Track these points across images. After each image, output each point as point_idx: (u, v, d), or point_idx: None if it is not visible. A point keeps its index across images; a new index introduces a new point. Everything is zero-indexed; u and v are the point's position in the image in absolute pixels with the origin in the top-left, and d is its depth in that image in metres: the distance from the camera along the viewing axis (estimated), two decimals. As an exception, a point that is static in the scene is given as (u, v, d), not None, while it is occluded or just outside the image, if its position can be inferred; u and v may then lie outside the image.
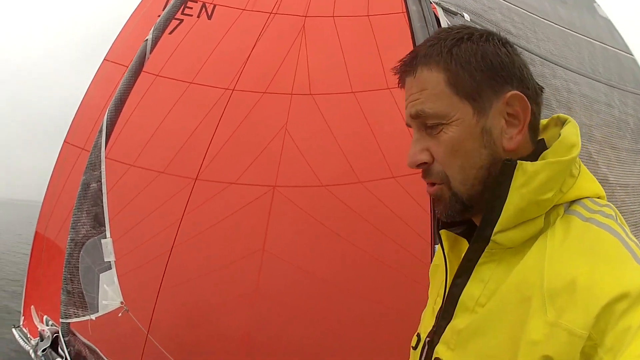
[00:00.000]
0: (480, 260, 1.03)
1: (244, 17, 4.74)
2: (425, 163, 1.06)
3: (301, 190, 5.27)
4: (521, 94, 1.01)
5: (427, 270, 1.48)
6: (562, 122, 1.10)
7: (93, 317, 3.00)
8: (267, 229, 5.19)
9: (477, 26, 2.66)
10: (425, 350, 1.15)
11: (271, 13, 4.72)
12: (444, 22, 2.61)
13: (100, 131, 3.05)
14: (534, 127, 1.06)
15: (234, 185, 5.12)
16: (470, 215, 1.10)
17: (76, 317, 2.97)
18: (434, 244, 2.28)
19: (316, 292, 5.05)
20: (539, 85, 1.08)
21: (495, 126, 1.02)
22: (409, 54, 1.12)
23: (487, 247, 1.01)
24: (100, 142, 3.10)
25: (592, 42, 3.40)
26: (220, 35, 4.74)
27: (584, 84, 3.01)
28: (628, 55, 3.60)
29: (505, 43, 1.06)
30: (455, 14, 2.70)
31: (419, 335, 1.23)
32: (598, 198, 1.04)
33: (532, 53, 2.88)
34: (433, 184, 1.09)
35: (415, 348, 1.23)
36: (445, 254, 1.16)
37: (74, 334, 3.05)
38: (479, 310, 1.01)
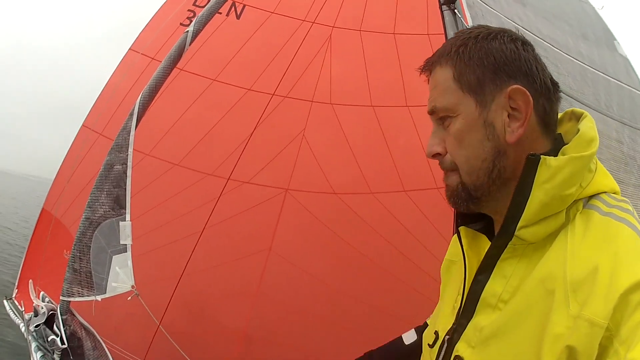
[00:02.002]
0: (502, 256, 1.06)
1: (272, 20, 4.82)
2: (439, 154, 1.14)
3: (313, 195, 5.34)
4: (523, 88, 1.05)
5: (432, 282, 1.55)
6: (576, 117, 1.13)
7: (99, 298, 2.95)
8: (275, 230, 5.26)
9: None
10: (444, 348, 1.16)
11: (302, 20, 4.81)
12: None
13: (131, 114, 3.07)
14: (545, 122, 1.08)
15: (247, 185, 5.20)
16: (478, 207, 1.15)
17: (80, 296, 2.93)
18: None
19: (318, 295, 5.11)
20: (553, 81, 1.11)
21: (498, 119, 1.07)
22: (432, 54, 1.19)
23: (510, 243, 1.04)
24: (130, 126, 3.10)
25: (609, 79, 3.46)
26: (247, 35, 4.81)
27: (598, 119, 3.05)
28: None
29: (515, 39, 1.10)
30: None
31: (436, 333, 1.23)
32: (614, 193, 1.07)
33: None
34: (447, 174, 1.15)
35: (432, 346, 1.24)
36: (464, 251, 1.19)
37: (72, 314, 2.99)
38: (502, 306, 1.03)
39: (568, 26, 3.60)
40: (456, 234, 1.26)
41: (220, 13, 4.52)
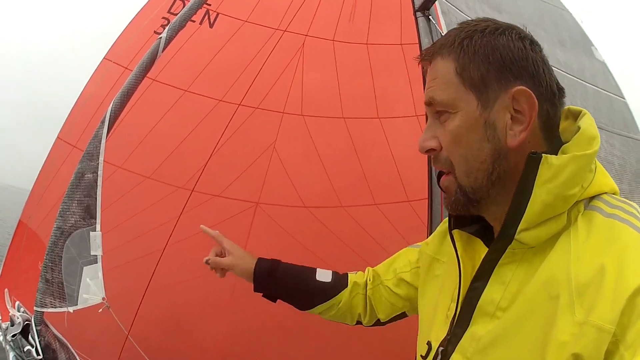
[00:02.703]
0: (501, 261, 1.02)
1: (245, 28, 4.79)
2: (434, 150, 1.09)
3: (284, 209, 5.27)
4: (529, 90, 1.00)
5: None
6: (573, 115, 1.10)
7: (71, 309, 2.89)
8: (246, 244, 5.16)
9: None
10: (438, 359, 1.12)
11: (276, 29, 4.79)
12: None
13: (103, 121, 3.00)
14: (547, 128, 1.04)
15: (217, 198, 5.10)
16: (477, 210, 1.10)
17: (52, 307, 2.87)
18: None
19: (290, 309, 5.01)
20: (559, 86, 1.07)
21: (500, 120, 1.02)
22: (432, 44, 1.15)
23: (509, 247, 1.00)
24: (101, 133, 3.04)
25: (586, 85, 3.54)
26: (220, 44, 4.77)
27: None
28: (619, 98, 3.75)
29: (523, 37, 1.05)
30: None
31: (429, 344, 1.18)
32: (614, 194, 1.03)
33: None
34: (441, 174, 1.12)
35: (425, 357, 1.19)
36: (459, 255, 1.14)
37: (46, 325, 2.96)
38: (500, 314, 0.99)
39: (545, 33, 3.68)
40: (446, 233, 1.23)
41: (194, 21, 4.49)
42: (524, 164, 0.99)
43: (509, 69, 1.02)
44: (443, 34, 2.93)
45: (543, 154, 0.96)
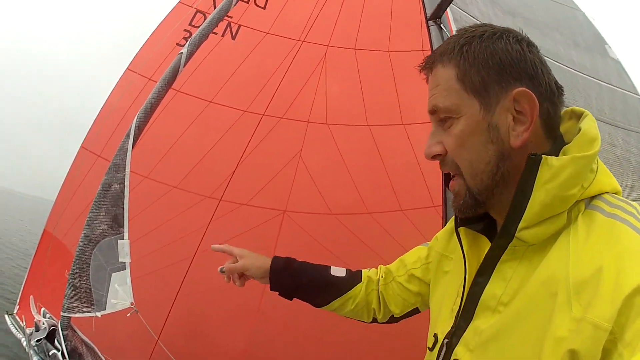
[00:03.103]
0: (502, 258, 1.04)
1: (267, 40, 4.86)
2: (439, 155, 1.10)
3: (311, 216, 5.32)
4: (529, 91, 1.01)
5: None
6: (576, 115, 1.10)
7: (99, 314, 2.92)
8: (274, 252, 5.20)
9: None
10: (443, 351, 1.15)
11: (297, 40, 4.86)
12: None
13: (128, 135, 3.07)
14: (549, 126, 1.05)
15: (245, 207, 5.18)
16: (483, 210, 1.11)
17: (80, 312, 2.90)
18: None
19: (318, 317, 5.03)
20: (558, 85, 1.07)
21: (502, 122, 1.03)
22: (432, 52, 1.17)
23: (510, 244, 1.02)
24: (127, 146, 3.10)
25: (600, 83, 3.49)
26: (243, 56, 4.84)
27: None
28: (634, 95, 3.68)
29: (520, 40, 1.07)
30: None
31: (436, 336, 1.21)
32: (615, 193, 1.04)
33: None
34: (449, 177, 1.13)
35: (431, 349, 1.21)
36: (465, 252, 1.16)
37: (73, 330, 2.98)
38: (501, 309, 1.01)
39: (559, 34, 3.64)
40: (453, 231, 1.23)
41: (216, 34, 4.57)
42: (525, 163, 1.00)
43: (509, 72, 1.03)
44: None
45: (543, 155, 0.97)
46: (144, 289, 4.15)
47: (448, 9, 2.91)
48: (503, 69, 1.03)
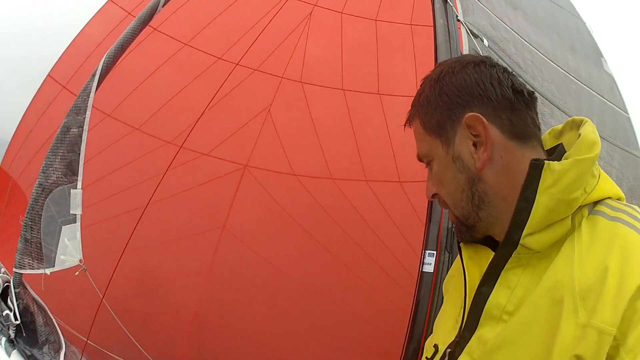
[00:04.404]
0: (507, 266, 1.04)
1: (253, -10, 4.61)
2: (436, 194, 1.19)
3: (272, 175, 5.20)
4: (475, 113, 1.07)
5: (383, 276, 1.50)
6: (577, 125, 1.12)
7: (48, 271, 2.78)
8: (231, 208, 5.09)
9: (492, 54, 2.69)
10: None
11: (284, -6, 4.61)
12: (466, 41, 2.64)
13: (94, 75, 2.85)
14: (516, 133, 1.08)
15: (205, 157, 5.00)
16: (480, 233, 1.14)
17: (30, 268, 2.75)
18: (423, 250, 2.34)
19: (269, 278, 5.01)
20: (516, 89, 1.10)
21: (463, 151, 1.10)
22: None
23: (514, 252, 1.02)
24: (91, 87, 2.88)
25: (593, 93, 3.51)
26: (227, 3, 4.61)
27: (577, 130, 3.08)
28: (623, 113, 3.73)
29: (466, 65, 1.13)
30: (476, 36, 2.73)
31: (436, 347, 1.20)
32: (618, 199, 1.06)
33: (535, 90, 2.94)
34: (449, 213, 1.20)
35: (431, 359, 1.21)
36: (464, 263, 1.16)
37: (25, 287, 2.81)
38: (506, 318, 1.01)
39: (558, 37, 3.63)
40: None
41: (202, -21, 4.33)
42: (504, 176, 1.06)
43: (457, 103, 1.10)
44: (458, 18, 2.83)
45: (545, 161, 1.00)
46: (96, 240, 3.96)
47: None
48: (451, 103, 1.11)
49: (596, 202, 1.03)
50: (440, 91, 1.12)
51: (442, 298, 1.36)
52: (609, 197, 1.04)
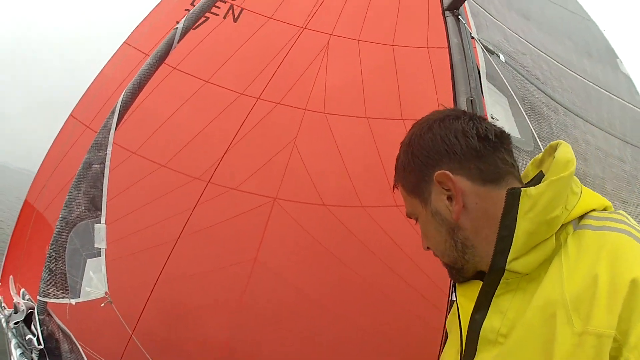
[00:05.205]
0: (497, 292, 1.07)
1: (269, 24, 4.73)
2: (429, 247, 1.27)
3: (302, 206, 5.21)
4: (442, 171, 1.14)
5: (421, 300, 1.47)
6: (554, 149, 1.15)
7: (73, 302, 2.83)
8: (262, 240, 5.11)
9: (509, 69, 2.64)
10: None
11: (300, 27, 4.71)
12: (482, 58, 2.62)
13: (113, 112, 2.94)
14: (488, 179, 1.13)
15: (234, 191, 5.05)
16: (469, 273, 1.20)
17: (55, 298, 2.81)
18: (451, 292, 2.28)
19: (302, 309, 4.98)
20: (481, 135, 1.15)
21: (440, 206, 1.17)
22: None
23: (502, 278, 1.06)
24: (111, 123, 2.97)
25: (612, 97, 3.44)
26: (244, 39, 4.72)
27: (600, 137, 3.01)
28: None
29: (431, 125, 1.20)
30: (492, 52, 2.70)
31: None
32: (604, 210, 1.09)
33: (557, 102, 2.88)
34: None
35: None
36: (457, 300, 1.21)
37: (50, 314, 2.88)
38: (502, 340, 1.03)
39: (572, 43, 3.57)
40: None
41: (218, 15, 4.49)
42: (481, 218, 1.12)
43: (427, 164, 1.18)
44: (472, 35, 2.82)
45: (522, 188, 1.04)
46: (124, 273, 4.02)
47: (466, 2, 2.82)
48: (422, 165, 1.19)
49: (581, 217, 1.06)
50: (412, 155, 1.21)
51: None
52: (594, 210, 1.07)
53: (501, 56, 2.79)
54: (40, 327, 2.81)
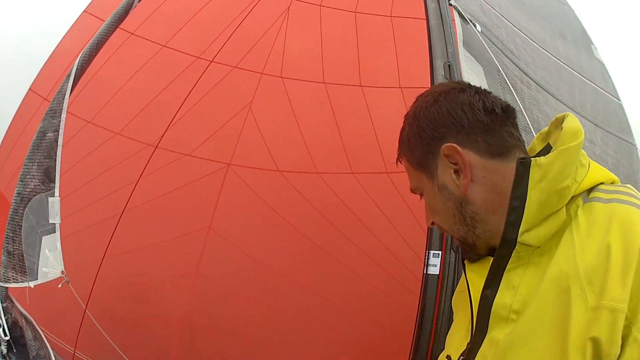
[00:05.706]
0: (508, 267, 1.06)
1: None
2: (434, 222, 1.25)
3: (256, 172, 5.12)
4: (449, 144, 1.12)
5: (376, 268, 1.44)
6: (561, 122, 1.15)
7: (32, 284, 2.69)
8: (215, 207, 4.99)
9: (485, 39, 2.62)
10: None
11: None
12: (459, 26, 2.59)
13: (69, 76, 2.78)
14: (496, 152, 1.12)
15: (187, 157, 4.89)
16: (482, 250, 1.17)
17: (15, 282, 2.67)
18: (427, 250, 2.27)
19: (258, 277, 4.94)
20: (488, 109, 1.13)
21: (447, 180, 1.15)
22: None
23: (514, 251, 1.05)
24: (66, 88, 2.81)
25: (584, 80, 3.50)
26: (203, 2, 4.52)
27: (571, 117, 3.05)
28: (615, 100, 3.73)
29: (436, 98, 1.17)
30: (468, 22, 2.67)
31: (449, 357, 1.22)
32: (612, 183, 1.09)
33: (530, 77, 2.89)
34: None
35: None
36: (467, 276, 1.18)
37: (12, 301, 2.72)
38: (515, 317, 1.02)
39: (547, 23, 3.61)
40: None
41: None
42: (492, 192, 1.10)
43: (433, 138, 1.15)
44: (450, 2, 2.75)
45: (532, 158, 1.04)
46: (78, 249, 3.84)
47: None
48: (428, 138, 1.16)
49: (590, 190, 1.06)
50: (417, 128, 1.18)
51: (451, 306, 1.41)
52: (602, 183, 1.07)
53: (477, 26, 2.77)
54: (4, 315, 2.63)
